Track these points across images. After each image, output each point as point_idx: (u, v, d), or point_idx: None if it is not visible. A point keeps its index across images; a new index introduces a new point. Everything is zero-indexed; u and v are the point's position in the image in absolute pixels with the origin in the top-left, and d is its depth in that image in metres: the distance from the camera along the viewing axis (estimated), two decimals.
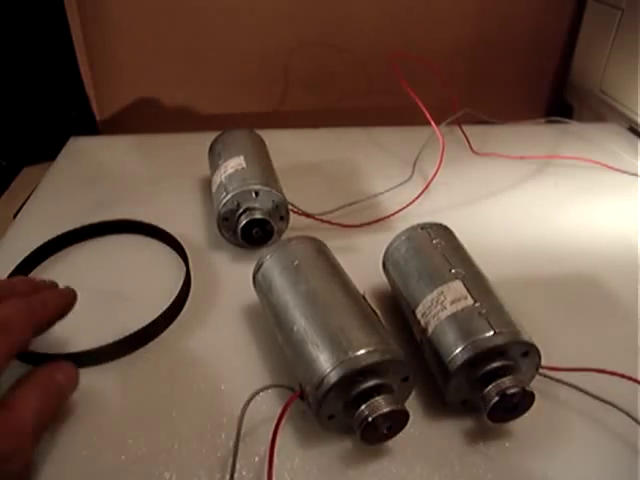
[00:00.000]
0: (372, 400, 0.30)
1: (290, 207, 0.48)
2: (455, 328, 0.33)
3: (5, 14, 0.68)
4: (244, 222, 0.46)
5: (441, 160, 0.56)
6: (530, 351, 0.32)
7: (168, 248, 0.49)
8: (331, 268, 0.37)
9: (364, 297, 0.36)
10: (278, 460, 0.31)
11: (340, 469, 0.31)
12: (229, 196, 0.46)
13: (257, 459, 0.31)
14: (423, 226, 0.40)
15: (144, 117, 0.81)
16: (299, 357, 0.32)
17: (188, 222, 0.53)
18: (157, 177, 0.61)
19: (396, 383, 0.31)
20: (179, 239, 0.48)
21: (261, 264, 0.38)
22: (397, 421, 0.30)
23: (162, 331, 0.40)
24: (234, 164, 0.49)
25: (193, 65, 0.79)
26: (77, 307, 0.36)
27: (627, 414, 0.33)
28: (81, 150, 0.67)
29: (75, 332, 0.39)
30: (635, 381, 0.35)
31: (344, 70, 0.81)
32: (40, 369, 0.31)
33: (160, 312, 0.40)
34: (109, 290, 0.45)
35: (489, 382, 0.31)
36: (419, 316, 0.35)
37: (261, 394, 0.32)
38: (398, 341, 0.33)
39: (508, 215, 0.55)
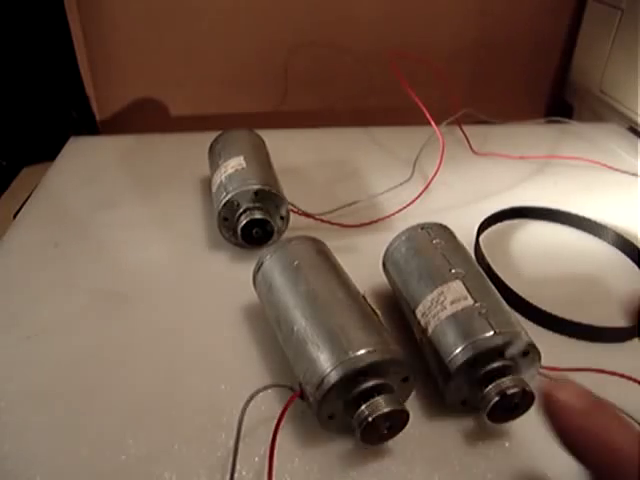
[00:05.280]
0: (372, 400, 0.30)
1: (290, 207, 0.48)
2: (455, 328, 0.33)
3: (5, 14, 0.68)
4: (244, 222, 0.46)
5: (441, 160, 0.56)
6: (530, 351, 0.32)
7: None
8: (331, 268, 0.37)
9: (364, 297, 0.36)
10: (278, 460, 0.31)
11: (340, 469, 0.31)
12: (229, 196, 0.46)
13: (257, 459, 0.31)
14: (423, 226, 0.40)
15: (144, 117, 0.81)
16: (299, 357, 0.32)
17: (188, 222, 0.53)
18: (157, 177, 0.61)
19: (396, 383, 0.31)
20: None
21: (261, 264, 0.38)
22: (397, 421, 0.30)
23: None
24: (234, 164, 0.49)
25: (193, 65, 0.79)
26: None
27: (627, 414, 0.33)
28: (81, 150, 0.67)
29: None
30: (635, 381, 0.35)
31: (344, 70, 0.81)
32: None
33: None
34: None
35: (489, 382, 0.31)
36: (419, 316, 0.35)
37: (261, 394, 0.32)
38: (398, 341, 0.33)
39: None
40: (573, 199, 0.57)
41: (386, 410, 0.29)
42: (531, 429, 0.33)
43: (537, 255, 0.50)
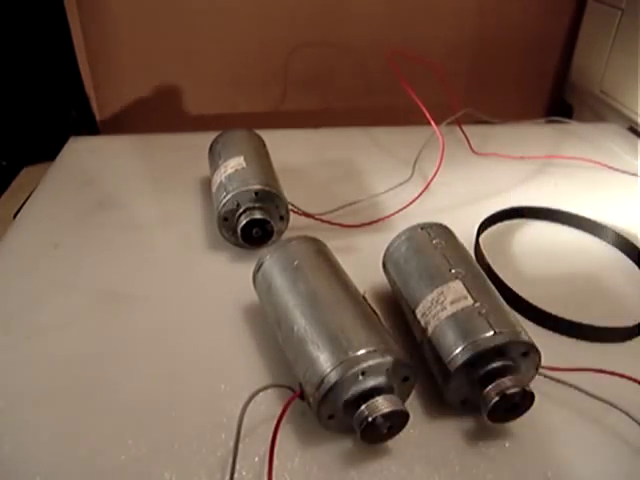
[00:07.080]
0: (372, 400, 0.30)
1: (290, 207, 0.48)
2: (455, 328, 0.33)
3: (5, 14, 0.68)
4: (244, 222, 0.46)
5: (441, 160, 0.56)
6: (530, 351, 0.32)
7: None
8: (331, 268, 0.37)
9: (364, 297, 0.36)
10: (278, 460, 0.31)
11: (340, 469, 0.31)
12: (229, 196, 0.46)
13: (257, 459, 0.31)
14: (423, 226, 0.40)
15: (144, 117, 0.81)
16: (299, 357, 0.32)
17: (188, 222, 0.53)
18: (157, 177, 0.61)
19: (396, 383, 0.31)
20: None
21: (261, 264, 0.38)
22: (397, 421, 0.30)
23: None
24: (234, 164, 0.49)
25: (193, 65, 0.79)
26: None
27: (627, 414, 0.33)
28: (81, 150, 0.67)
29: None
30: (635, 381, 0.35)
31: (344, 70, 0.81)
32: None
33: None
34: None
35: (489, 382, 0.31)
36: (419, 316, 0.35)
37: (261, 394, 0.32)
38: (398, 341, 0.33)
39: None
40: (573, 199, 0.57)
41: (386, 410, 0.29)
42: (531, 429, 0.33)
43: (537, 255, 0.50)
